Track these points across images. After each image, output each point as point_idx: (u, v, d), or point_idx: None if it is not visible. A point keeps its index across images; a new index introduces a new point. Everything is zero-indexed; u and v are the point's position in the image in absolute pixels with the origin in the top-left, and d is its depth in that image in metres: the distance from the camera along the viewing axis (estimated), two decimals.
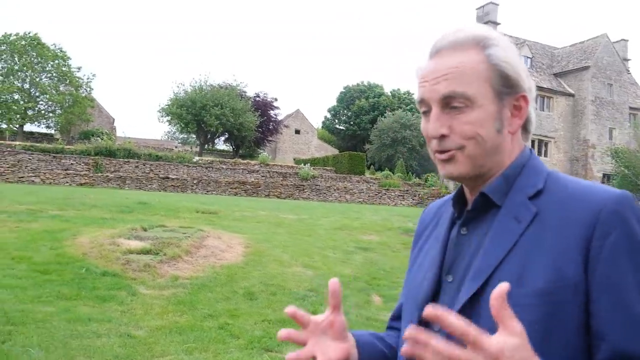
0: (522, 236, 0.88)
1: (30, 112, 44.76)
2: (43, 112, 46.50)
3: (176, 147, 53.70)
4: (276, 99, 53.98)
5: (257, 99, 51.95)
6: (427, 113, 0.96)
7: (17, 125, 43.37)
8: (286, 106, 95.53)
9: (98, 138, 39.05)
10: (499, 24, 35.47)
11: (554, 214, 0.88)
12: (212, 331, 5.02)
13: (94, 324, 4.89)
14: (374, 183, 29.39)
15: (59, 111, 46.02)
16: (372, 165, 44.90)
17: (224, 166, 27.77)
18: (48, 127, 48.91)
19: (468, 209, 0.99)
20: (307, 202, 21.46)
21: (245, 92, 51.31)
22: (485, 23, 30.70)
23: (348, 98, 64.86)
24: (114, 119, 64.58)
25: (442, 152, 0.94)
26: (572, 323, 0.82)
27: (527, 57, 34.55)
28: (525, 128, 0.99)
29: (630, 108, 35.58)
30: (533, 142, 32.89)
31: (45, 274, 6.27)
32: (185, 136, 65.45)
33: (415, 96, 0.99)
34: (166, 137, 77.95)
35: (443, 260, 1.00)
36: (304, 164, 31.37)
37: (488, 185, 0.96)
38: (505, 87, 0.93)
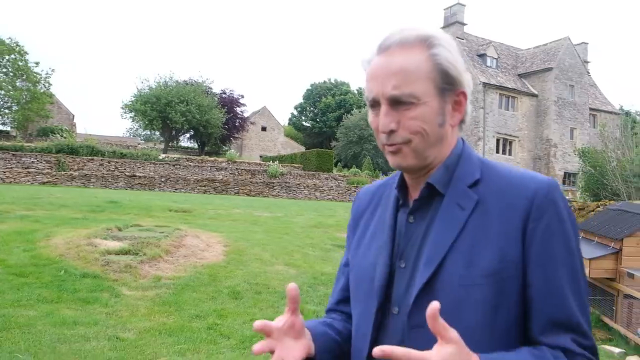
0: (466, 223, 0.98)
1: None
2: None
3: (139, 144, 52.62)
4: (242, 96, 53.76)
5: (224, 95, 51.43)
6: (374, 107, 1.02)
7: None
8: (253, 103, 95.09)
9: (57, 135, 37.98)
10: (465, 24, 36.15)
11: (493, 201, 0.98)
12: (202, 332, 4.97)
13: (80, 327, 4.76)
14: (343, 180, 29.51)
15: (15, 107, 44.40)
16: (338, 163, 45.11)
17: (191, 164, 27.39)
18: (4, 124, 47.25)
19: (415, 198, 1.06)
20: (279, 200, 21.40)
21: (211, 88, 50.74)
22: (452, 24, 31.34)
23: (314, 95, 64.94)
24: (73, 116, 62.80)
25: (390, 145, 1.01)
26: (515, 296, 0.95)
27: (493, 58, 35.30)
28: (461, 122, 1.06)
29: (591, 109, 36.82)
30: (498, 140, 33.70)
31: (22, 276, 6.06)
32: (149, 133, 64.42)
33: (364, 91, 1.04)
34: (128, 134, 76.50)
35: (392, 246, 1.06)
36: (272, 161, 31.24)
37: (432, 175, 1.04)
38: (447, 84, 1.00)
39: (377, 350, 0.80)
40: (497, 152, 33.80)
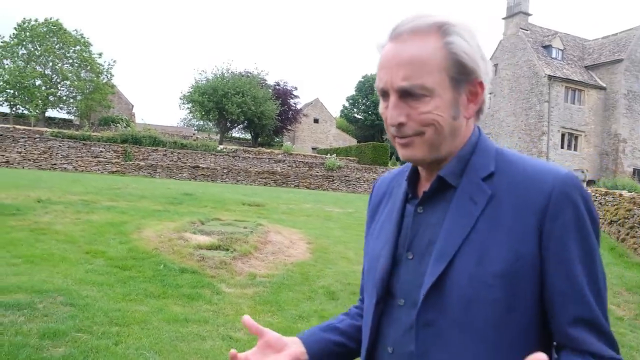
0: (479, 217, 0.94)
1: (51, 98, 44.86)
2: (64, 98, 46.65)
3: (194, 134, 53.59)
4: (296, 88, 53.87)
5: (277, 87, 51.78)
6: (385, 97, 0.98)
7: (40, 112, 43.51)
8: (305, 95, 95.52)
9: (118, 125, 39.24)
10: (530, 14, 34.91)
11: (508, 196, 0.94)
12: None
13: (192, 325, 4.81)
14: None
15: (79, 97, 46.10)
16: (392, 155, 44.72)
17: (249, 155, 27.73)
18: (69, 113, 49.14)
19: (425, 190, 1.02)
20: (341, 194, 21.36)
21: (265, 80, 51.12)
22: (516, 14, 30.33)
23: (367, 87, 64.44)
24: (132, 106, 64.82)
25: (401, 137, 0.97)
26: (530, 296, 0.91)
27: (559, 49, 33.97)
28: (477, 113, 1.02)
29: None
30: (563, 135, 32.46)
31: (125, 269, 6.21)
32: (202, 123, 65.62)
33: (376, 80, 1.00)
34: (182, 124, 78.24)
35: (398, 237, 1.04)
36: (330, 154, 31.22)
37: (444, 167, 0.99)
38: (462, 74, 0.95)
39: None
40: (562, 147, 32.60)
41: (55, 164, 21.66)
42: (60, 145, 23.97)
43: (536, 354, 0.78)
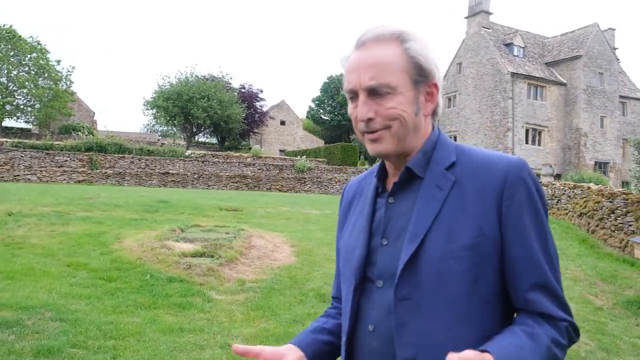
0: (445, 202, 1.06)
1: (8, 107, 43.38)
2: (22, 106, 45.14)
3: (158, 140, 52.71)
4: (261, 90, 53.53)
5: (243, 90, 51.44)
6: (353, 99, 1.11)
7: None
8: (271, 97, 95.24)
9: (80, 133, 38.24)
10: (491, 13, 35.62)
11: (469, 181, 1.07)
12: None
13: (188, 334, 4.73)
14: None
15: (38, 105, 44.69)
16: (361, 155, 44.95)
17: (218, 160, 27.44)
18: (27, 122, 47.60)
19: (395, 181, 1.13)
20: (315, 196, 21.35)
21: (230, 84, 50.68)
22: (478, 13, 30.88)
23: (332, 88, 64.57)
24: (94, 113, 63.29)
25: (370, 132, 1.09)
26: (493, 268, 1.04)
27: (520, 47, 34.77)
28: (434, 112, 1.15)
29: (620, 96, 36.14)
30: (527, 130, 33.26)
31: (110, 281, 6.06)
32: (166, 129, 64.53)
33: (343, 84, 1.13)
34: (146, 130, 76.81)
35: (371, 228, 1.15)
36: (297, 156, 31.16)
37: (411, 160, 1.12)
38: (420, 76, 1.09)
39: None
40: (527, 142, 33.34)
41: (18, 175, 20.97)
42: (22, 156, 23.21)
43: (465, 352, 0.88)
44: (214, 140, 54.47)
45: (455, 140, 29.43)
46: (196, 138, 54.11)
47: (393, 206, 1.13)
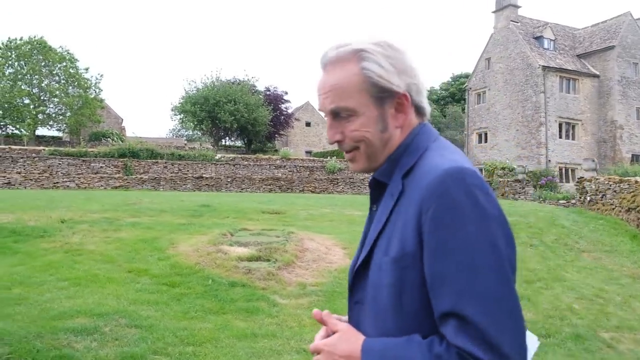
0: (392, 211, 1.06)
1: (40, 116, 44.39)
2: (53, 115, 46.13)
3: (185, 144, 53.31)
4: (286, 92, 53.76)
5: (268, 93, 51.66)
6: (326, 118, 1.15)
7: (30, 131, 43.00)
8: (296, 99, 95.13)
9: (109, 139, 38.86)
10: (519, 7, 35.09)
11: (410, 190, 1.04)
12: None
13: (262, 340, 4.72)
14: None
15: (69, 114, 45.59)
16: None
17: (248, 163, 27.59)
18: (58, 130, 48.62)
19: (371, 191, 1.18)
20: (349, 197, 21.28)
21: (255, 86, 50.96)
22: (506, 7, 30.42)
23: None
24: (122, 119, 64.33)
25: (346, 152, 1.14)
26: (416, 284, 0.99)
27: (550, 40, 34.12)
28: (418, 113, 1.15)
29: None
30: (561, 125, 32.63)
31: (174, 286, 6.09)
32: (192, 133, 65.17)
33: None
34: (171, 134, 77.66)
35: (365, 237, 1.17)
36: (330, 157, 31.12)
37: (378, 170, 1.13)
38: (382, 92, 1.08)
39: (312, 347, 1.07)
40: (560, 137, 32.70)
41: (57, 183, 21.38)
42: (59, 163, 23.70)
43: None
44: (238, 143, 54.88)
45: (486, 137, 28.77)
46: (223, 141, 54.60)
47: (375, 214, 1.15)
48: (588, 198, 15.34)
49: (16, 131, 44.90)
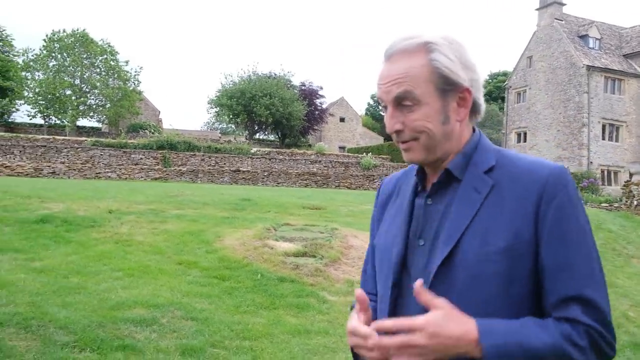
0: (482, 205, 1.08)
1: (82, 107, 45.48)
2: (94, 106, 47.20)
3: (220, 137, 53.95)
4: (321, 87, 53.78)
5: (303, 87, 51.79)
6: (385, 109, 1.15)
7: (72, 121, 44.13)
8: (330, 94, 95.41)
9: (147, 131, 39.51)
10: (564, 4, 34.18)
11: (508, 186, 1.08)
12: None
13: (316, 337, 4.73)
14: None
15: (108, 105, 46.56)
16: None
17: (284, 157, 27.73)
18: (98, 121, 49.73)
19: (434, 182, 1.16)
20: None
21: (291, 81, 51.17)
22: (550, 4, 29.64)
23: None
24: (159, 112, 65.46)
25: (402, 142, 1.13)
26: (527, 271, 1.04)
27: (596, 39, 33.15)
28: (473, 112, 1.17)
29: None
30: (604, 126, 31.73)
31: (224, 280, 6.16)
32: (226, 126, 65.84)
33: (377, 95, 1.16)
34: (206, 127, 78.61)
35: (409, 228, 1.17)
36: (366, 153, 31.02)
37: (450, 162, 1.14)
38: (447, 85, 1.10)
39: (374, 326, 0.99)
40: (603, 138, 31.81)
41: (99, 173, 21.89)
42: (101, 154, 24.28)
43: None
44: (272, 137, 55.21)
45: (525, 136, 28.29)
46: (257, 135, 55.03)
47: (431, 207, 1.15)
48: (635, 202, 14.89)
49: (58, 122, 46.15)
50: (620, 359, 5.13)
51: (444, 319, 0.97)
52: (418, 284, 0.98)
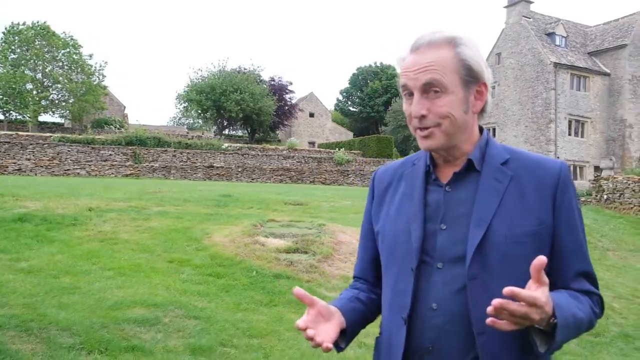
0: (505, 193, 1.20)
1: (44, 102, 44.07)
2: (56, 101, 45.79)
3: (187, 132, 53.19)
4: (291, 83, 53.59)
5: (273, 82, 51.48)
6: (408, 96, 1.22)
7: (33, 117, 42.69)
8: (300, 89, 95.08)
9: (112, 127, 38.60)
10: (532, 2, 34.89)
11: (526, 177, 1.22)
12: None
13: None
14: None
15: (72, 100, 45.23)
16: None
17: (257, 152, 27.52)
18: (61, 116, 48.29)
19: (456, 171, 1.26)
20: (364, 189, 21.23)
21: (261, 76, 50.74)
22: (518, 2, 30.20)
23: (361, 80, 64.22)
24: (124, 107, 63.97)
25: (422, 129, 1.21)
26: (548, 251, 1.19)
27: (562, 36, 33.97)
28: (482, 109, 1.27)
29: None
30: (570, 122, 32.59)
31: (219, 277, 6.06)
32: (193, 121, 64.92)
33: (399, 82, 1.25)
34: (172, 123, 77.35)
35: (425, 213, 1.25)
36: (338, 148, 31.08)
37: (471, 153, 1.25)
38: (471, 76, 1.20)
39: (507, 291, 0.99)
40: (569, 134, 32.66)
41: (68, 170, 21.28)
42: (69, 150, 23.57)
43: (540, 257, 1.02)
44: (240, 132, 54.70)
45: (494, 132, 28.74)
46: (226, 131, 54.48)
47: (450, 194, 1.25)
48: (605, 196, 15.34)
49: (19, 117, 44.62)
50: (614, 348, 5.28)
51: (543, 293, 1.04)
52: (542, 260, 1.06)
